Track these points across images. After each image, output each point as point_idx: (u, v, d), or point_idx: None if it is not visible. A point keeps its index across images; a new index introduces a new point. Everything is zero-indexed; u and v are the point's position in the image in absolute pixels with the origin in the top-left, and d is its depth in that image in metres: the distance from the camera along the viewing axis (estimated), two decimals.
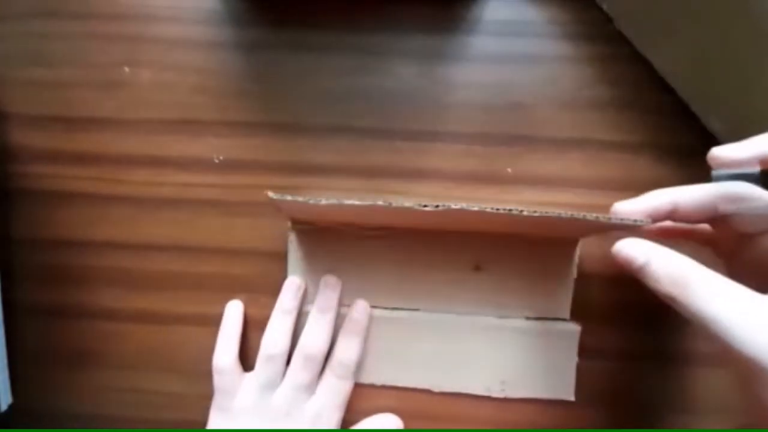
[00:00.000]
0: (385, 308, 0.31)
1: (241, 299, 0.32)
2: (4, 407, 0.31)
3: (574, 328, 0.31)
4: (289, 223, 0.31)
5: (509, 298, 0.31)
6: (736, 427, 0.32)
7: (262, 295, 0.32)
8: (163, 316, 0.33)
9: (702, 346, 0.32)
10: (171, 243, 0.32)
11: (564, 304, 0.31)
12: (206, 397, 0.33)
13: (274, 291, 0.32)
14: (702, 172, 0.30)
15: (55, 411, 0.34)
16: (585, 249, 0.31)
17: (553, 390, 0.31)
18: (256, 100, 0.32)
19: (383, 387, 0.32)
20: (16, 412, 0.32)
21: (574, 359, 0.31)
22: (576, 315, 0.31)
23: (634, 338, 0.32)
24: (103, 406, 0.34)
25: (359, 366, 0.31)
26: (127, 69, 0.32)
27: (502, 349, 0.31)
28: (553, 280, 0.31)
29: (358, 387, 0.32)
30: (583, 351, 0.31)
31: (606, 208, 0.31)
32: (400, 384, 0.32)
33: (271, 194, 0.25)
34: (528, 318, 0.31)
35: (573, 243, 0.31)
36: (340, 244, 0.31)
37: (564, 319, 0.31)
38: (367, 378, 0.32)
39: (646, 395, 0.32)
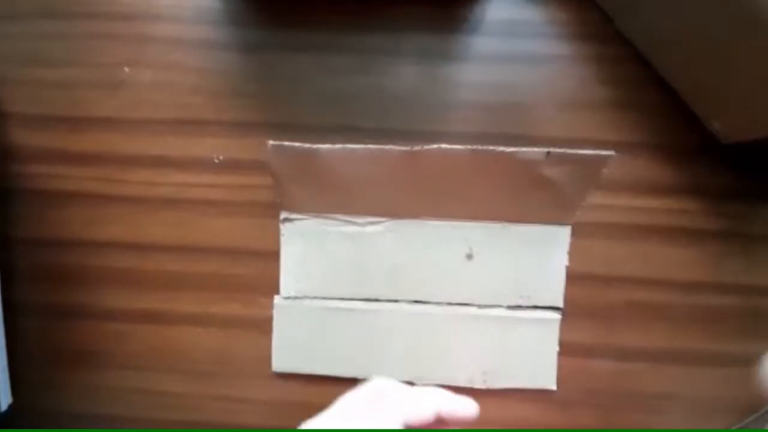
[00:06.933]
0: (372, 300, 0.32)
1: (241, 299, 0.32)
2: (4, 407, 0.31)
3: (555, 316, 0.31)
4: (281, 216, 0.31)
5: (502, 285, 0.31)
6: (737, 427, 0.32)
7: (261, 295, 0.32)
8: (163, 316, 0.33)
9: (700, 346, 0.32)
10: (171, 243, 0.32)
11: (557, 290, 0.31)
12: (207, 396, 0.33)
13: (274, 290, 0.32)
14: (701, 172, 0.31)
15: (55, 411, 0.34)
16: (584, 248, 0.31)
17: (535, 379, 0.31)
18: (255, 100, 0.32)
19: (366, 380, 0.32)
20: (16, 412, 0.32)
21: (555, 347, 0.31)
22: (574, 314, 0.31)
23: (633, 337, 0.32)
24: (103, 405, 0.34)
25: (340, 359, 0.32)
26: (127, 69, 0.32)
27: (484, 340, 0.31)
28: (546, 267, 0.31)
29: (339, 381, 0.32)
30: (582, 350, 0.31)
31: (606, 207, 0.31)
32: (382, 377, 0.32)
33: (271, 142, 0.28)
34: (510, 307, 0.31)
35: (565, 230, 0.31)
36: (333, 237, 0.31)
37: (554, 308, 0.31)
38: (349, 372, 0.32)
39: (644, 394, 0.32)
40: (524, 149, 0.28)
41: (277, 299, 0.32)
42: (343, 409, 0.23)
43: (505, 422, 0.32)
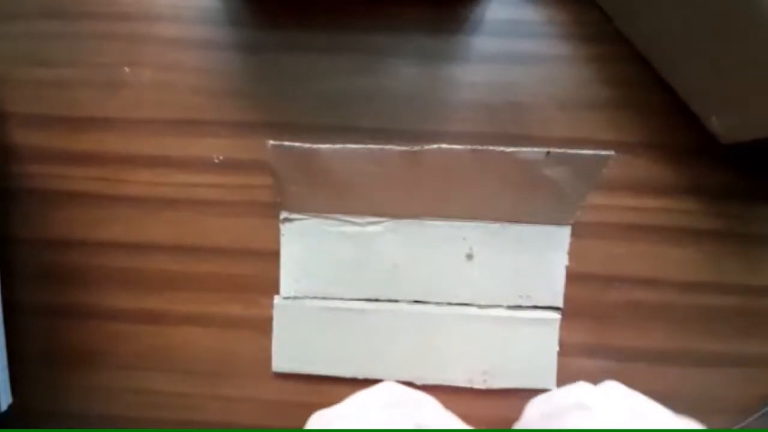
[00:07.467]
0: (372, 300, 0.32)
1: (241, 299, 0.32)
2: (4, 407, 0.31)
3: (555, 315, 0.31)
4: (281, 216, 0.31)
5: (502, 285, 0.31)
6: (737, 427, 0.32)
7: (261, 295, 0.32)
8: (163, 317, 0.33)
9: (700, 346, 0.32)
10: (171, 243, 0.32)
11: (557, 290, 0.31)
12: (206, 396, 0.33)
13: (274, 290, 0.32)
14: (701, 172, 0.31)
15: (55, 411, 0.34)
16: (584, 248, 0.31)
17: (535, 379, 0.31)
18: (256, 100, 0.32)
19: (366, 380, 0.32)
20: (16, 412, 0.32)
21: (555, 347, 0.31)
22: (574, 314, 0.31)
23: (633, 337, 0.32)
24: (103, 405, 0.34)
25: (340, 359, 0.32)
26: (127, 69, 0.32)
27: (484, 340, 0.31)
28: (546, 267, 0.31)
29: (339, 381, 0.32)
30: (582, 350, 0.31)
31: (605, 207, 0.31)
32: (382, 377, 0.32)
33: (271, 142, 0.28)
34: (510, 307, 0.31)
35: (565, 230, 0.31)
36: (333, 237, 0.31)
37: (554, 308, 0.31)
38: (350, 371, 0.32)
39: (644, 394, 0.32)
40: (524, 149, 0.28)
41: (277, 299, 0.32)
42: (355, 406, 0.23)
43: (505, 422, 0.32)
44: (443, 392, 0.32)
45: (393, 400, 0.23)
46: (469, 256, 0.31)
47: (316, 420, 0.23)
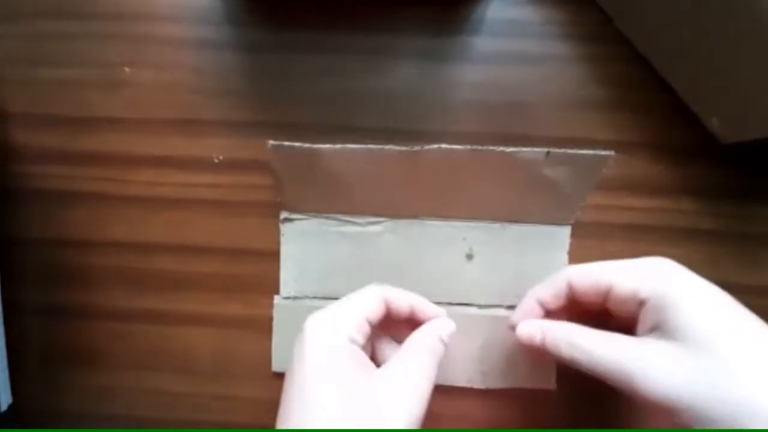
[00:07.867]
0: None
1: (241, 299, 0.32)
2: (4, 407, 0.31)
3: None
4: (281, 216, 0.31)
5: (502, 285, 0.31)
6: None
7: (261, 295, 0.32)
8: (163, 316, 0.33)
9: None
10: (171, 243, 0.32)
11: None
12: (207, 396, 0.33)
13: (274, 290, 0.32)
14: (701, 172, 0.31)
15: (55, 411, 0.34)
16: (584, 248, 0.31)
17: (534, 379, 0.31)
18: (256, 100, 0.32)
19: None
20: (16, 412, 0.32)
21: None
22: None
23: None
24: (103, 405, 0.34)
25: None
26: (127, 69, 0.32)
27: (484, 340, 0.31)
28: (546, 267, 0.31)
29: None
30: None
31: (605, 207, 0.31)
32: None
33: (271, 142, 0.28)
34: (510, 307, 0.31)
35: (565, 230, 0.31)
36: (333, 237, 0.31)
37: None
38: None
39: None
40: (524, 149, 0.28)
41: (277, 299, 0.32)
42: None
43: (505, 422, 0.32)
44: (442, 392, 0.32)
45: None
46: (469, 256, 0.31)
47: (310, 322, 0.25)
